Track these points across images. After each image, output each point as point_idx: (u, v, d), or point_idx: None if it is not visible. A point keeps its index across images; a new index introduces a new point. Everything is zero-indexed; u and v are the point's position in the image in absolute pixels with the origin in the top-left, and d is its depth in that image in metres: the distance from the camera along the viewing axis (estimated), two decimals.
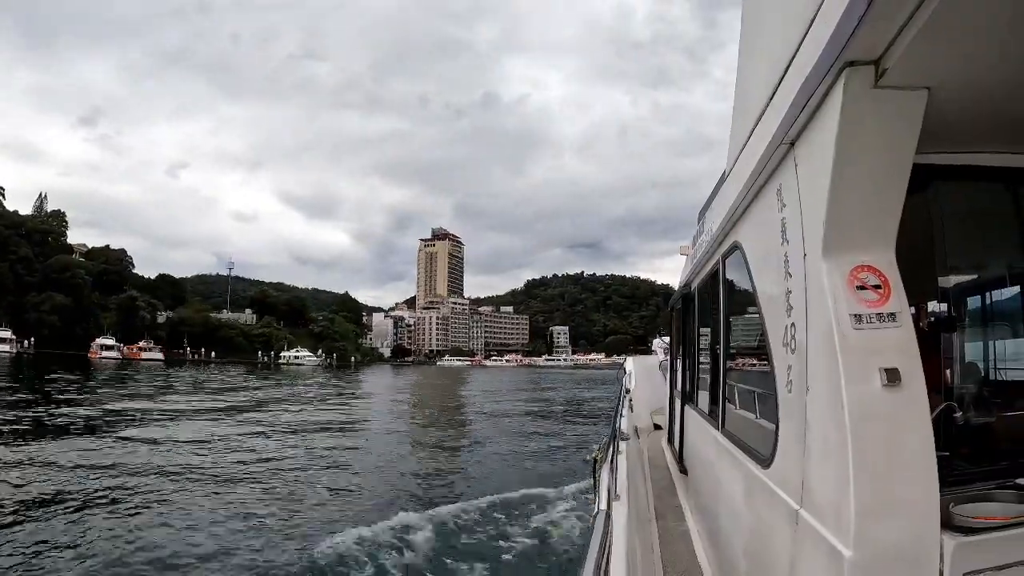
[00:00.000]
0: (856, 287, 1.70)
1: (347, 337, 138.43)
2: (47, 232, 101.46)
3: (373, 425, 23.24)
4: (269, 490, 11.70)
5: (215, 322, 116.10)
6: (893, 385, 1.59)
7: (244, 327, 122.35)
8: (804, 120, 1.82)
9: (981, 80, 1.63)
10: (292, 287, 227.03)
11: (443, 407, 32.71)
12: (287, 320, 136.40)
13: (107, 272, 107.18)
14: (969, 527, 1.61)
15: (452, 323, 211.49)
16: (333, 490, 11.90)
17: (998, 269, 2.58)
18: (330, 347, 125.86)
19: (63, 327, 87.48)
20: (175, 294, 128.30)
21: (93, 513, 9.57)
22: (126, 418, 21.54)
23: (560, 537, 8.88)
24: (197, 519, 9.48)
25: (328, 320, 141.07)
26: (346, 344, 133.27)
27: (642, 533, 3.93)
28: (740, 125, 2.77)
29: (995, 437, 2.25)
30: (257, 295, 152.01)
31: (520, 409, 30.77)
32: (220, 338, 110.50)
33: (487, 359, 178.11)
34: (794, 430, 1.99)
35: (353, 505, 10.79)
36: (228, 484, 11.98)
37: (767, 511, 2.24)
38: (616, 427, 6.71)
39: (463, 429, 23.50)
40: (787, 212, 2.06)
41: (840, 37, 1.48)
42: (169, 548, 8.08)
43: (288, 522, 9.55)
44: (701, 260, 4.25)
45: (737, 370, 3.34)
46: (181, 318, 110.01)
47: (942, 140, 1.89)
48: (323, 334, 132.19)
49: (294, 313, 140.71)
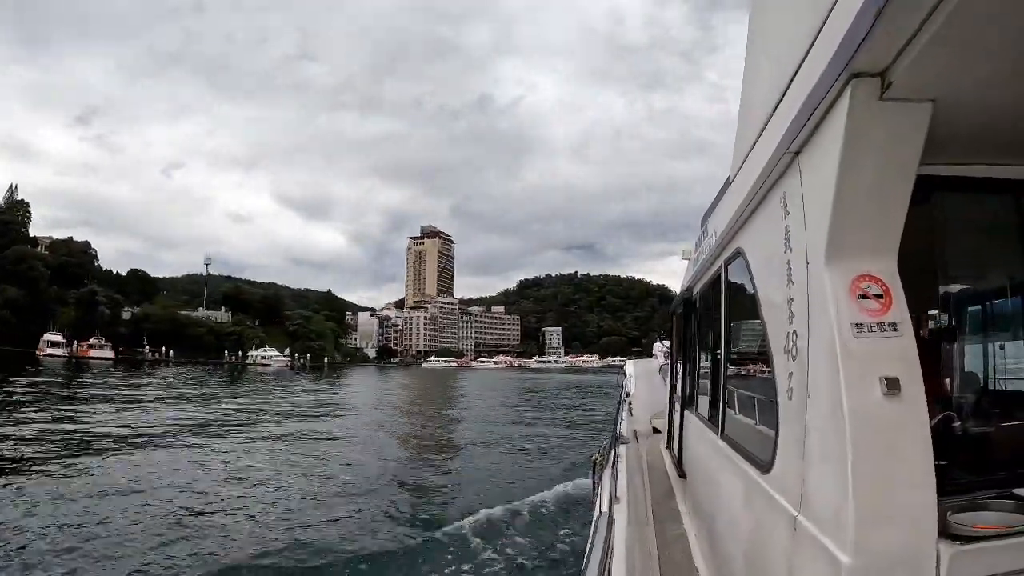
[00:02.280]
0: (858, 296, 1.79)
1: (325, 336, 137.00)
2: (7, 223, 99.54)
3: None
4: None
5: (183, 319, 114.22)
6: (893, 394, 1.68)
7: (214, 325, 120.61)
8: (809, 130, 1.90)
9: (986, 93, 1.72)
10: (284, 287, 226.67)
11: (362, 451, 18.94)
12: (262, 318, 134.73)
13: (69, 265, 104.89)
14: (966, 536, 1.69)
15: (441, 323, 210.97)
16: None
17: (999, 280, 2.70)
18: (305, 347, 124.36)
19: (17, 323, 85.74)
20: (145, 290, 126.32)
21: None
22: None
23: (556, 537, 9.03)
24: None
25: (304, 318, 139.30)
26: (323, 344, 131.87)
27: (641, 537, 4.06)
28: (745, 132, 2.87)
29: (993, 447, 2.35)
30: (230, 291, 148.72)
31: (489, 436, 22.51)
32: (188, 336, 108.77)
33: (475, 360, 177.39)
34: (794, 436, 2.08)
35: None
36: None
37: (766, 517, 2.33)
38: (616, 431, 6.86)
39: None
40: (791, 220, 2.15)
41: (847, 49, 1.55)
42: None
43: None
44: (703, 265, 4.36)
45: (738, 376, 3.45)
46: (146, 314, 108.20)
47: (946, 152, 1.99)
48: (298, 333, 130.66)
49: (269, 310, 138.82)
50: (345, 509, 11.40)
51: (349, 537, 9.70)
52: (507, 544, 9.22)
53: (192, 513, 10.75)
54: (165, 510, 10.80)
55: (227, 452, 17.22)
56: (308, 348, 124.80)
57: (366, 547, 9.19)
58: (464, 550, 8.94)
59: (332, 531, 10.02)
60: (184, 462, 15.50)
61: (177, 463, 15.31)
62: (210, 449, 17.62)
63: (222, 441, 19.21)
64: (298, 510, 11.32)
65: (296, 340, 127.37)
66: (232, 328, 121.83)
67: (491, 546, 9.09)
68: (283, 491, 12.80)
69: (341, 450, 18.63)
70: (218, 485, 13.08)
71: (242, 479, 13.80)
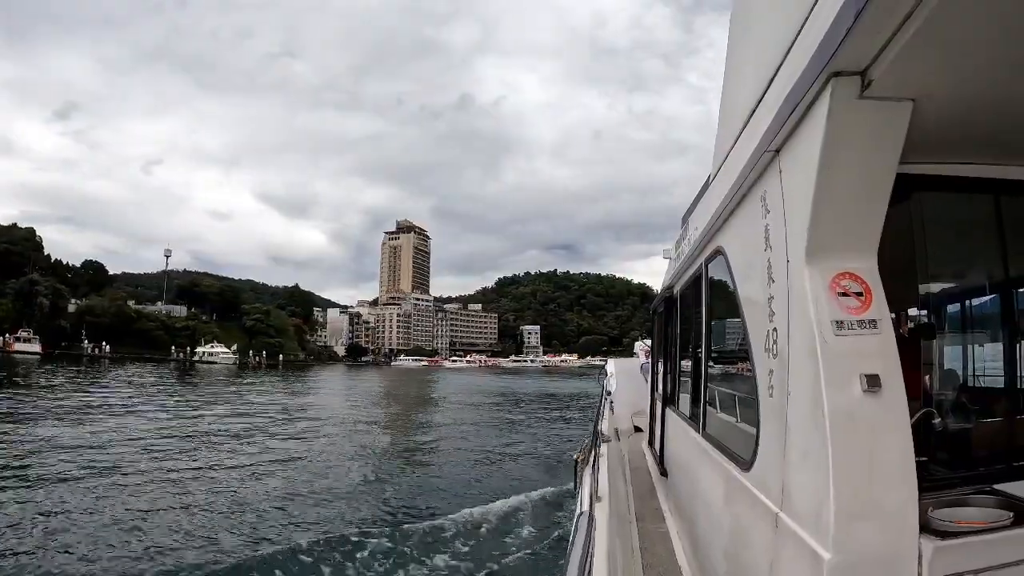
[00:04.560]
0: (838, 294, 1.87)
1: (285, 332, 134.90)
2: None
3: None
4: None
5: (131, 313, 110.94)
6: (873, 391, 1.76)
7: (166, 319, 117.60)
8: (790, 128, 1.98)
9: (965, 93, 1.80)
10: (263, 285, 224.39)
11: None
12: (220, 312, 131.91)
13: (10, 253, 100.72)
14: (948, 531, 1.78)
15: (415, 321, 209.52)
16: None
17: (978, 278, 2.84)
18: (263, 343, 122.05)
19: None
20: (98, 282, 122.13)
21: None
22: None
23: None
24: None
25: (262, 313, 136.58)
26: (283, 340, 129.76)
27: (622, 535, 4.16)
28: (726, 131, 2.97)
29: (973, 443, 2.50)
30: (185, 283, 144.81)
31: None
32: (136, 331, 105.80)
33: (447, 359, 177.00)
34: (775, 434, 2.16)
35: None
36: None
37: (747, 514, 2.42)
38: (598, 429, 7.05)
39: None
40: (771, 218, 2.23)
41: (827, 47, 1.62)
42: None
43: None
44: (684, 264, 4.49)
45: (718, 374, 3.56)
46: (90, 307, 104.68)
47: (925, 151, 2.08)
48: (255, 329, 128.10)
49: (227, 305, 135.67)
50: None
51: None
52: (486, 545, 9.41)
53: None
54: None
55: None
56: (267, 344, 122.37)
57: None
58: (444, 550, 9.11)
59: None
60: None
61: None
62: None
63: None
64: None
65: (254, 336, 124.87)
66: (185, 323, 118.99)
67: (469, 547, 9.29)
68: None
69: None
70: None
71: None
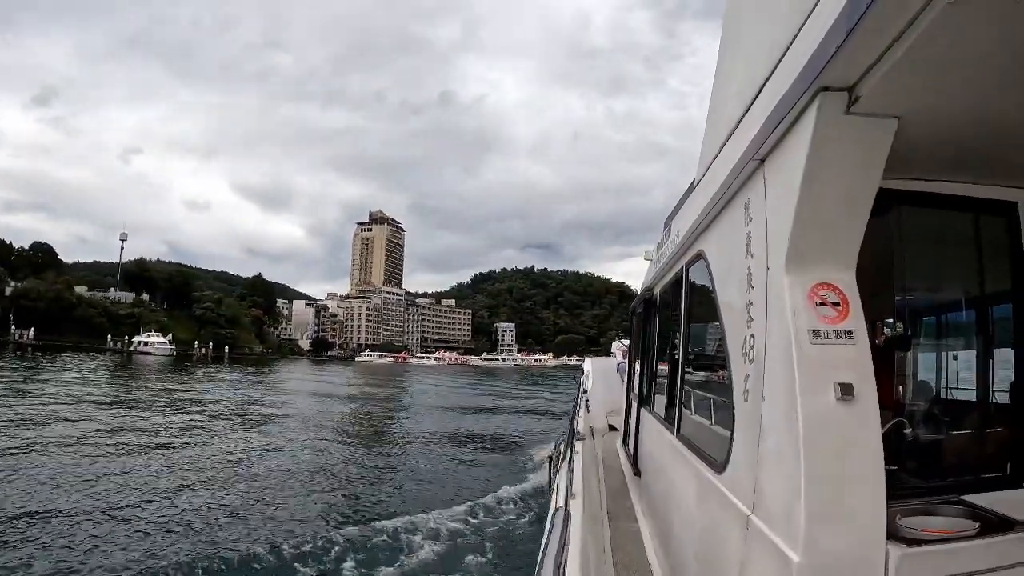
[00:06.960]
0: (816, 303, 2.00)
1: (239, 323, 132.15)
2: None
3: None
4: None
5: (72, 299, 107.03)
6: (847, 399, 1.88)
7: (110, 306, 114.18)
8: (776, 139, 2.10)
9: (949, 113, 1.94)
10: (236, 276, 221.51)
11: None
12: (171, 300, 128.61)
13: None
14: (915, 539, 1.92)
15: (385, 315, 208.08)
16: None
17: (953, 293, 3.02)
18: (213, 334, 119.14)
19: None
20: (46, 265, 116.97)
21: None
22: None
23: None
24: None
25: (214, 301, 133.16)
26: (236, 332, 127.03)
27: (595, 533, 4.31)
28: (712, 137, 3.10)
29: (944, 454, 2.66)
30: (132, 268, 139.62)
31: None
32: (76, 318, 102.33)
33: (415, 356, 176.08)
34: (748, 437, 2.29)
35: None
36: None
37: (719, 515, 2.55)
38: (573, 427, 7.22)
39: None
40: (753, 226, 2.36)
41: (816, 63, 1.73)
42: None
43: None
44: (665, 266, 4.65)
45: (694, 376, 3.71)
46: (25, 290, 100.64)
47: (907, 167, 2.23)
48: (204, 317, 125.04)
49: (176, 292, 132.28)
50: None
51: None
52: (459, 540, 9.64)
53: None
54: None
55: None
56: (216, 336, 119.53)
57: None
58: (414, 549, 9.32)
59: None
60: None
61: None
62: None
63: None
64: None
65: (203, 326, 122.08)
66: (130, 310, 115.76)
67: (441, 543, 9.51)
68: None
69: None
70: None
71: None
